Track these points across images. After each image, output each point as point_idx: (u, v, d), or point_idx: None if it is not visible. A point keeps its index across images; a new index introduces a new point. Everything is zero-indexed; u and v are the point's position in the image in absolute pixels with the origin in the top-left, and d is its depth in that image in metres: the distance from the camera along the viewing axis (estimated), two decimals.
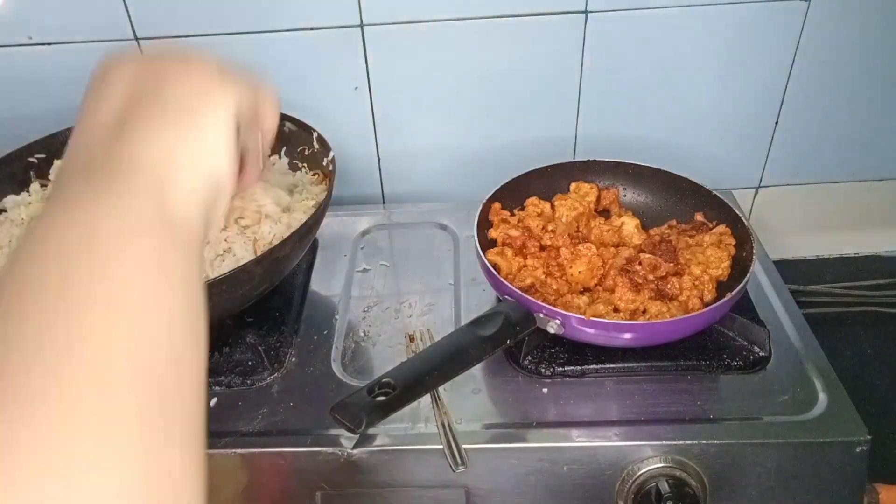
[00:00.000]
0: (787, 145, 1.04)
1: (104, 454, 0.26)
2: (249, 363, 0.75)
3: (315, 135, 0.87)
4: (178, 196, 0.35)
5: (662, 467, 0.65)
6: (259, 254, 0.73)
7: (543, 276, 0.78)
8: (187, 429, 0.30)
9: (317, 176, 0.88)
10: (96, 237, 0.31)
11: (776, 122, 1.02)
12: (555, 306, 0.71)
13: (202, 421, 0.32)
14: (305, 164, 0.89)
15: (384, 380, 0.64)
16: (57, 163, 0.88)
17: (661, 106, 1.00)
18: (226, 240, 0.75)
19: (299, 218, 0.78)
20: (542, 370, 0.73)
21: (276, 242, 0.72)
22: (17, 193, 0.86)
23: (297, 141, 0.90)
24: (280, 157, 0.90)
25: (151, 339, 0.30)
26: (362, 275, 0.90)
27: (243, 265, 0.68)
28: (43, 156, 0.88)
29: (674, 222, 0.87)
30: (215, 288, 0.66)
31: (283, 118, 0.90)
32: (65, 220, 0.32)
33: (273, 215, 0.78)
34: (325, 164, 0.86)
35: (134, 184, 0.34)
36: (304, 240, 0.77)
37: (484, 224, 0.84)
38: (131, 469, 0.26)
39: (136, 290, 0.30)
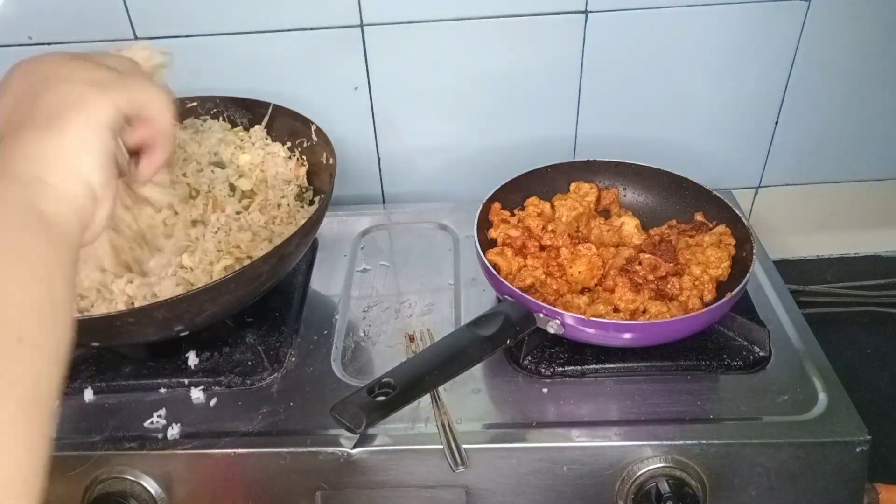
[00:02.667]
0: (787, 145, 1.04)
1: None
2: (249, 363, 0.75)
3: (314, 127, 0.87)
4: (49, 197, 0.38)
5: (662, 467, 0.65)
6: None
7: (543, 276, 0.78)
8: (26, 425, 0.32)
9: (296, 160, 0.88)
10: None
11: (776, 122, 1.02)
12: (555, 306, 0.71)
13: (47, 419, 0.33)
14: (304, 157, 0.89)
15: (384, 380, 0.64)
16: None
17: (661, 106, 1.00)
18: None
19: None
20: (542, 370, 0.73)
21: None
22: None
23: (295, 133, 0.90)
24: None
25: (5, 324, 0.32)
26: (362, 275, 0.90)
27: (251, 263, 0.68)
28: None
29: (674, 222, 0.86)
30: (224, 286, 0.66)
31: (282, 111, 0.90)
32: None
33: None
34: (324, 158, 0.86)
35: (7, 187, 0.37)
36: (307, 236, 0.77)
37: (484, 224, 0.84)
38: None
39: (9, 279, 0.33)
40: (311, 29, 0.92)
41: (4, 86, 0.44)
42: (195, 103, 0.93)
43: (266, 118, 0.92)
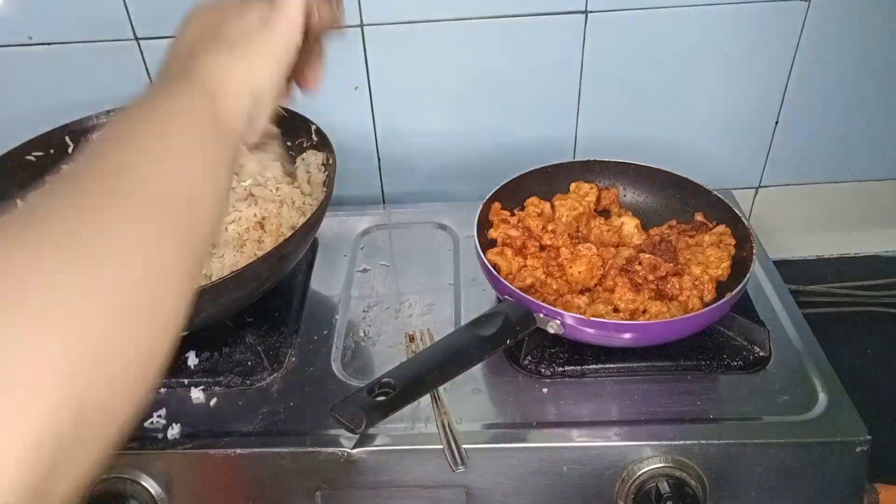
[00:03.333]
0: (787, 145, 1.04)
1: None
2: (249, 363, 0.75)
3: (314, 127, 0.87)
4: (226, 102, 0.46)
5: (662, 467, 0.65)
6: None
7: (543, 276, 0.78)
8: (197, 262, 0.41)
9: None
10: (155, 124, 0.41)
11: (776, 122, 1.02)
12: (555, 306, 0.71)
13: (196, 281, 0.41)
14: (303, 157, 0.89)
15: (384, 380, 0.64)
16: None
17: (660, 106, 1.00)
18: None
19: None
20: (542, 370, 0.73)
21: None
22: (15, 193, 0.86)
23: (295, 133, 0.90)
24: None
25: (192, 204, 0.39)
26: (362, 275, 0.90)
27: (250, 263, 0.68)
28: (41, 153, 0.88)
29: (674, 222, 0.86)
30: (223, 287, 0.66)
31: (283, 111, 0.90)
32: (137, 112, 0.42)
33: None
34: (324, 157, 0.87)
35: (192, 89, 0.45)
36: (307, 236, 0.78)
37: (484, 224, 0.84)
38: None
39: (183, 166, 0.40)
40: None
41: (187, 24, 0.51)
42: None
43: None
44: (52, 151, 0.89)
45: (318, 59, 0.57)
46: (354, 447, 0.66)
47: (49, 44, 0.93)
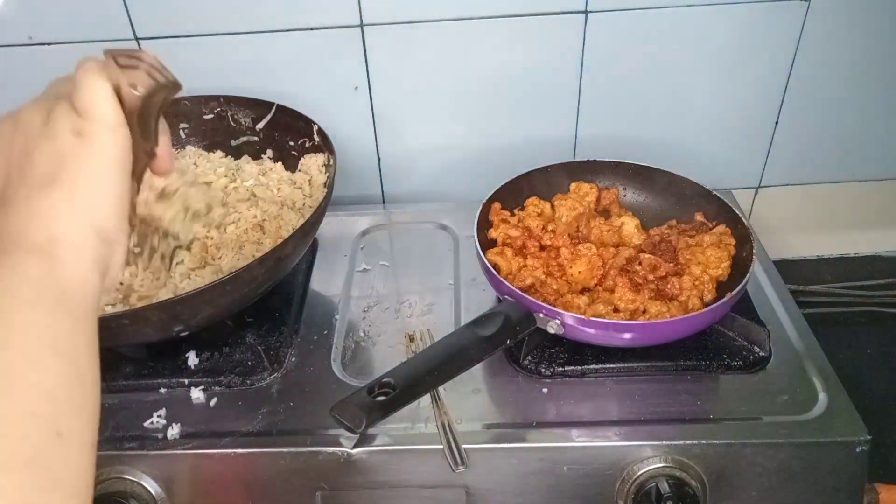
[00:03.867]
0: (787, 145, 1.03)
1: None
2: (249, 363, 0.75)
3: (315, 128, 0.88)
4: (66, 261, 0.37)
5: (662, 467, 0.65)
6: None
7: (543, 276, 0.78)
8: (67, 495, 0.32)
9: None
10: None
11: (776, 122, 1.02)
12: (555, 306, 0.71)
13: (87, 491, 0.33)
14: (306, 157, 0.90)
15: (384, 380, 0.64)
16: None
17: (661, 106, 1.00)
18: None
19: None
20: (542, 370, 0.73)
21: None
22: None
23: (297, 133, 0.90)
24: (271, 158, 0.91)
25: (33, 413, 0.32)
26: (362, 275, 0.90)
27: (247, 266, 0.68)
28: None
29: (674, 222, 0.86)
30: (219, 288, 0.66)
31: (285, 111, 0.91)
32: None
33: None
34: (325, 158, 0.87)
35: (19, 256, 0.36)
36: (305, 238, 0.77)
37: (484, 224, 0.84)
38: None
39: (23, 364, 0.33)
40: (311, 29, 0.92)
41: None
42: (199, 102, 0.94)
43: (268, 118, 0.92)
44: None
45: (161, 135, 0.46)
46: (354, 447, 0.66)
47: (49, 44, 0.93)
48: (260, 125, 0.93)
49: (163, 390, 0.74)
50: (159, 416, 0.70)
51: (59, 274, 0.37)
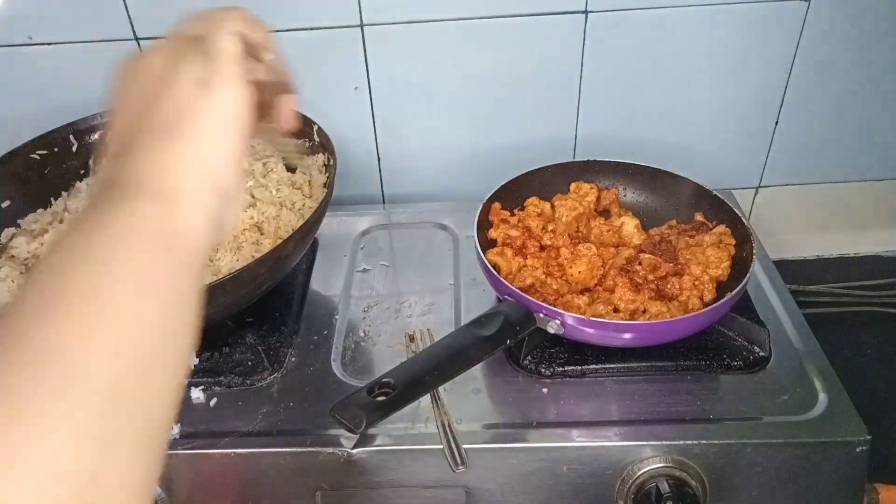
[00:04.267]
0: (787, 145, 1.03)
1: (48, 442, 0.28)
2: (249, 363, 0.75)
3: (316, 128, 0.88)
4: (186, 208, 0.37)
5: (662, 467, 0.65)
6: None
7: (543, 276, 0.78)
8: (143, 435, 0.32)
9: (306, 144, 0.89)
10: (95, 250, 0.34)
11: (776, 122, 1.02)
12: (555, 306, 0.71)
13: (165, 429, 0.34)
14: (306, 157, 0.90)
15: (384, 380, 0.64)
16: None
17: (661, 106, 1.00)
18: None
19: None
20: (542, 370, 0.73)
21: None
22: (20, 191, 0.86)
23: (298, 134, 0.90)
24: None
25: (128, 350, 0.32)
26: (362, 275, 0.89)
27: (247, 266, 0.68)
28: (45, 152, 0.88)
29: (674, 222, 0.86)
30: (219, 288, 0.66)
31: None
32: (78, 234, 0.35)
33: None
34: (325, 158, 0.87)
35: (140, 200, 0.36)
36: (305, 238, 0.77)
37: (484, 224, 0.84)
38: (70, 460, 0.28)
39: (120, 303, 0.33)
40: (311, 29, 0.92)
41: (117, 98, 0.43)
42: None
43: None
44: (55, 150, 0.89)
45: (285, 90, 0.47)
46: (354, 447, 0.66)
47: (49, 44, 0.93)
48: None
49: None
50: None
51: (175, 223, 0.37)
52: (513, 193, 0.87)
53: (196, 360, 0.76)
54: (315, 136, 0.88)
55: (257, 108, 0.44)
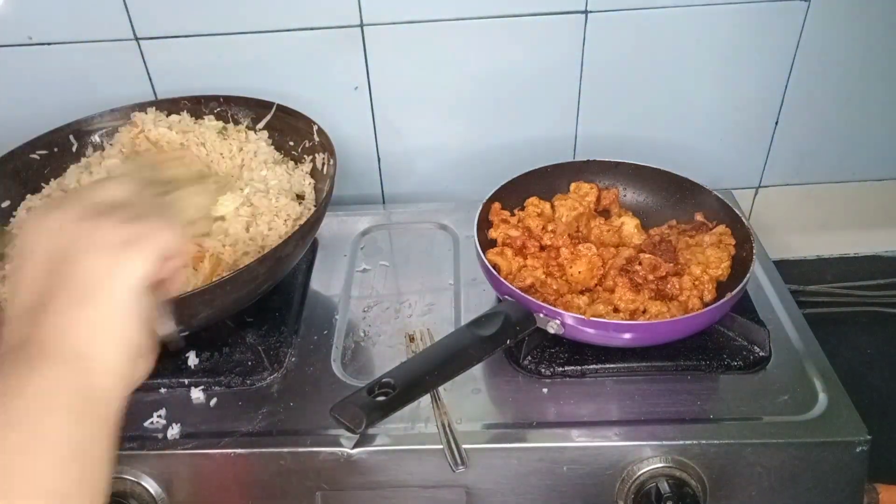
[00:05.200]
0: (787, 145, 1.04)
1: None
2: (249, 363, 0.75)
3: (315, 127, 0.88)
4: (95, 372, 0.39)
5: (662, 467, 0.65)
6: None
7: (543, 276, 0.78)
8: None
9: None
10: (13, 414, 0.36)
11: (776, 122, 1.02)
12: (555, 306, 0.71)
13: None
14: (306, 157, 0.89)
15: (384, 380, 0.64)
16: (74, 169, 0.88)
17: (660, 106, 1.00)
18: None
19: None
20: (542, 370, 0.73)
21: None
22: (20, 191, 0.86)
23: (298, 133, 0.90)
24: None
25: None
26: (362, 275, 0.90)
27: (247, 266, 0.68)
28: (45, 152, 0.88)
29: (674, 222, 0.86)
30: (220, 288, 0.66)
31: (285, 111, 0.91)
32: (6, 393, 0.37)
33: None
34: (324, 158, 0.87)
35: (55, 367, 0.38)
36: (305, 238, 0.77)
37: (484, 224, 0.84)
38: None
39: (46, 469, 0.35)
40: (311, 29, 0.92)
41: (23, 253, 0.43)
42: (199, 102, 0.94)
43: (268, 118, 0.92)
44: (55, 150, 0.89)
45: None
46: (354, 447, 0.66)
47: (49, 44, 0.93)
48: (260, 125, 0.93)
49: (163, 390, 0.73)
50: (159, 416, 0.70)
51: (91, 385, 0.39)
52: (513, 193, 0.87)
53: (196, 360, 0.76)
54: (315, 136, 0.88)
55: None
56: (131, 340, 0.42)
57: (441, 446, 0.65)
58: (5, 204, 0.85)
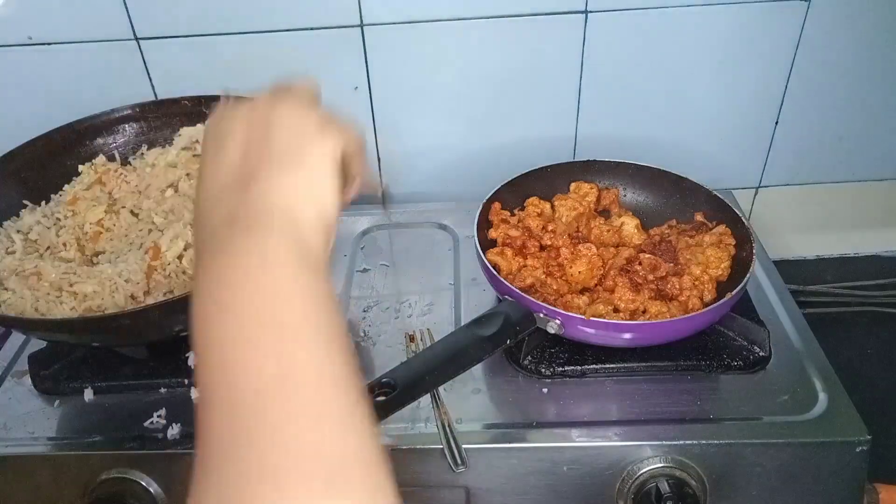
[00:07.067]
0: (787, 145, 1.03)
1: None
2: None
3: None
4: (305, 231, 0.41)
5: (662, 467, 0.65)
6: None
7: (543, 276, 0.78)
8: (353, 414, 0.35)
9: None
10: (251, 275, 0.37)
11: (776, 122, 1.02)
12: (555, 306, 0.71)
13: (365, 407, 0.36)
14: None
15: (384, 380, 0.64)
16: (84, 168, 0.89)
17: (661, 106, 1.00)
18: None
19: None
20: (542, 370, 0.73)
21: None
22: (20, 191, 0.86)
23: None
24: None
25: (317, 353, 0.36)
26: (362, 275, 0.89)
27: None
28: (45, 152, 0.88)
29: (674, 222, 0.86)
30: None
31: None
32: (227, 265, 0.38)
33: None
34: None
35: (271, 227, 0.40)
36: None
37: (484, 224, 0.84)
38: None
39: (296, 312, 0.37)
40: (311, 29, 0.92)
41: (219, 141, 0.45)
42: (199, 103, 0.93)
43: None
44: (55, 150, 0.89)
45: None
46: None
47: (49, 44, 0.93)
48: None
49: (163, 390, 0.73)
50: (159, 416, 0.70)
51: (307, 246, 0.40)
52: (513, 193, 0.87)
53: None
54: None
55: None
56: (330, 201, 0.43)
57: (441, 446, 0.65)
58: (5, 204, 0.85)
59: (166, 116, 0.94)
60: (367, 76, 0.97)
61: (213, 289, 0.38)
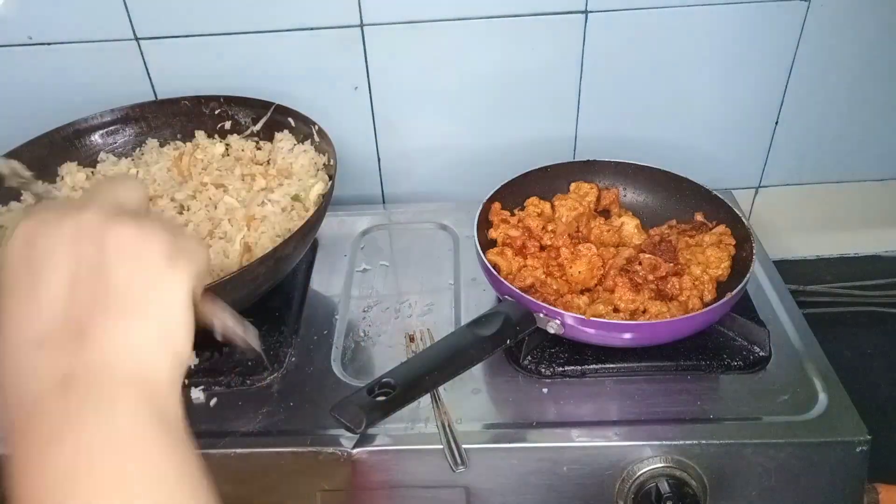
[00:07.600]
0: (787, 145, 1.04)
1: None
2: (249, 363, 0.75)
3: (316, 128, 0.88)
4: (159, 388, 0.36)
5: (662, 467, 0.65)
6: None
7: (543, 276, 0.78)
8: None
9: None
10: (104, 459, 0.32)
11: (776, 122, 1.02)
12: (555, 306, 0.71)
13: None
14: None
15: (384, 380, 0.64)
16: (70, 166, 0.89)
17: (661, 106, 1.00)
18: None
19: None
20: (542, 370, 0.73)
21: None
22: (20, 191, 0.86)
23: (298, 133, 0.90)
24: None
25: None
26: (362, 275, 0.90)
27: (247, 265, 0.68)
28: (45, 152, 0.88)
29: (674, 222, 0.86)
30: (220, 288, 0.66)
31: (284, 111, 0.91)
32: (68, 449, 0.32)
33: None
34: (325, 158, 0.87)
35: (116, 393, 0.34)
36: (305, 238, 0.77)
37: (484, 224, 0.84)
38: None
39: (153, 489, 0.33)
40: (312, 29, 0.92)
41: (35, 266, 0.36)
42: (199, 103, 0.94)
43: (267, 118, 0.92)
44: (55, 150, 0.89)
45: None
46: (354, 447, 0.66)
47: (49, 44, 0.93)
48: (259, 125, 0.93)
49: None
50: None
51: (163, 403, 0.36)
52: (513, 193, 0.87)
53: (196, 360, 0.76)
54: (315, 136, 0.88)
55: None
56: (180, 348, 0.38)
57: (441, 446, 0.65)
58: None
59: (166, 116, 0.94)
60: (367, 76, 0.97)
61: (49, 479, 0.32)
